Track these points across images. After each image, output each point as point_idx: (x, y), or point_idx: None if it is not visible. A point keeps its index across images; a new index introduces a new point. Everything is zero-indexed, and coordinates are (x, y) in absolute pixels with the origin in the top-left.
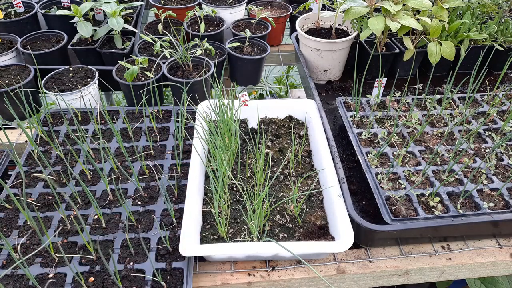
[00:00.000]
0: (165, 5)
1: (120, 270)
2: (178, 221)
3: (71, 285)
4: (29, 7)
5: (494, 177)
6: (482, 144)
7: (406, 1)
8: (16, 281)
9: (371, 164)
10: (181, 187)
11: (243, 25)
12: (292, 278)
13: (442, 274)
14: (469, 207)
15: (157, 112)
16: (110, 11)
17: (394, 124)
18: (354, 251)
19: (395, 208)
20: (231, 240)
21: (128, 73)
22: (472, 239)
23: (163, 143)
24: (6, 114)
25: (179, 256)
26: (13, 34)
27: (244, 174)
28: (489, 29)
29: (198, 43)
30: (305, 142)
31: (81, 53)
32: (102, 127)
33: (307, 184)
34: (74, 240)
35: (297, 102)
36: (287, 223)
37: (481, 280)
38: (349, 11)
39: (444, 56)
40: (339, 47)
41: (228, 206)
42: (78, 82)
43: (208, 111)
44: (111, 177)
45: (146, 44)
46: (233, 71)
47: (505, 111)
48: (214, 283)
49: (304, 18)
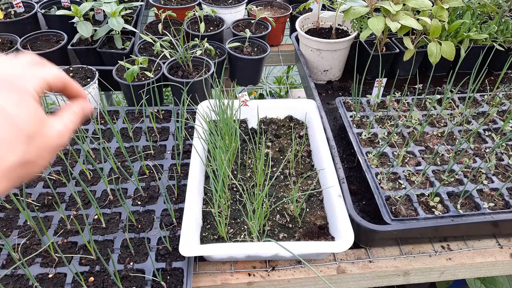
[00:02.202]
0: (165, 5)
1: (120, 270)
2: (178, 221)
3: (71, 285)
4: (29, 7)
5: (494, 177)
6: (482, 144)
7: (406, 1)
8: (16, 281)
9: (371, 164)
10: (181, 187)
11: (243, 25)
12: (292, 278)
13: (442, 274)
14: (469, 207)
15: (157, 112)
16: (110, 11)
17: (394, 124)
18: (354, 251)
19: (395, 208)
20: (231, 240)
21: (128, 73)
22: (472, 239)
23: (163, 143)
24: None
25: (179, 256)
26: (13, 34)
27: (244, 174)
28: (489, 29)
29: (198, 43)
30: (305, 142)
31: (81, 53)
32: (102, 127)
33: (307, 184)
34: (74, 240)
35: (297, 102)
36: (287, 223)
37: (481, 280)
38: (349, 11)
39: (444, 56)
40: (339, 47)
41: (228, 206)
42: (78, 82)
43: (208, 111)
44: (111, 177)
45: (146, 44)
46: (233, 71)
47: (505, 111)
48: (214, 283)
49: (304, 18)
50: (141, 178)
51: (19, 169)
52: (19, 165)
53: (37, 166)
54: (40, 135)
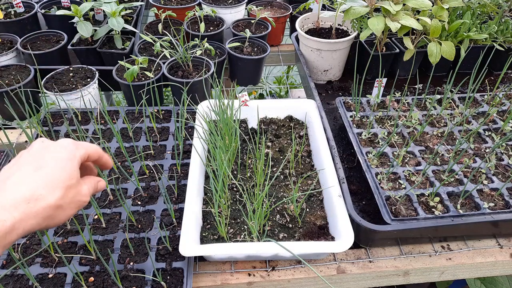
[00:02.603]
0: (165, 5)
1: (120, 270)
2: (178, 221)
3: (71, 285)
4: (29, 7)
5: (494, 177)
6: (482, 144)
7: (406, 1)
8: (16, 281)
9: (371, 164)
10: (181, 187)
11: (243, 25)
12: (292, 278)
13: (442, 274)
14: (469, 207)
15: (157, 112)
16: (110, 11)
17: (394, 124)
18: (354, 251)
19: (395, 208)
20: (231, 240)
21: (128, 73)
22: (472, 239)
23: (163, 143)
24: (6, 114)
25: (179, 256)
26: (13, 34)
27: (244, 174)
28: (489, 29)
29: (198, 43)
30: (305, 142)
31: (81, 53)
32: (102, 127)
33: (307, 184)
34: (74, 240)
35: (297, 102)
36: (287, 223)
37: (481, 280)
38: (349, 11)
39: (444, 56)
40: (339, 47)
41: (228, 206)
42: (78, 82)
43: (208, 111)
44: (111, 177)
45: (146, 44)
46: (233, 71)
47: (505, 111)
48: (214, 283)
49: (304, 18)
50: (141, 178)
51: (52, 210)
52: (54, 207)
53: (64, 213)
54: (74, 188)
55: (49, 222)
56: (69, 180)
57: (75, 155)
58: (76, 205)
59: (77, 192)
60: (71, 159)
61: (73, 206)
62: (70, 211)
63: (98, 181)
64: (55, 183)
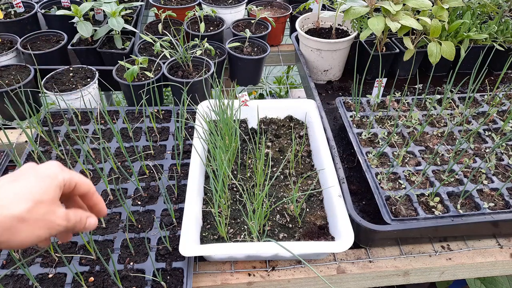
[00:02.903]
0: (165, 5)
1: (120, 270)
2: (178, 221)
3: (71, 285)
4: (29, 7)
5: (494, 177)
6: (482, 144)
7: (406, 1)
8: (16, 281)
9: (371, 164)
10: (181, 187)
11: (243, 25)
12: (292, 278)
13: (442, 274)
14: (469, 207)
15: (157, 112)
16: (110, 11)
17: (394, 124)
18: (354, 251)
19: (395, 208)
20: (231, 240)
21: (128, 73)
22: (472, 239)
23: (163, 143)
24: (6, 114)
25: (179, 256)
26: (13, 34)
27: (244, 174)
28: (489, 29)
29: (198, 43)
30: (305, 142)
31: (81, 53)
32: (102, 127)
33: (307, 184)
34: (74, 240)
35: (297, 102)
36: (287, 223)
37: (481, 280)
38: (349, 11)
39: (444, 56)
40: (339, 47)
41: (228, 206)
42: (78, 82)
43: (208, 111)
44: (111, 177)
45: (146, 44)
46: (233, 71)
47: (505, 111)
48: (214, 283)
49: (304, 18)
50: (141, 178)
51: (14, 222)
52: (16, 218)
53: (28, 230)
54: (46, 206)
55: (9, 237)
56: (42, 194)
57: (57, 175)
58: (45, 225)
59: (50, 211)
60: (51, 177)
61: (41, 224)
62: (37, 230)
63: (87, 216)
64: (25, 195)
